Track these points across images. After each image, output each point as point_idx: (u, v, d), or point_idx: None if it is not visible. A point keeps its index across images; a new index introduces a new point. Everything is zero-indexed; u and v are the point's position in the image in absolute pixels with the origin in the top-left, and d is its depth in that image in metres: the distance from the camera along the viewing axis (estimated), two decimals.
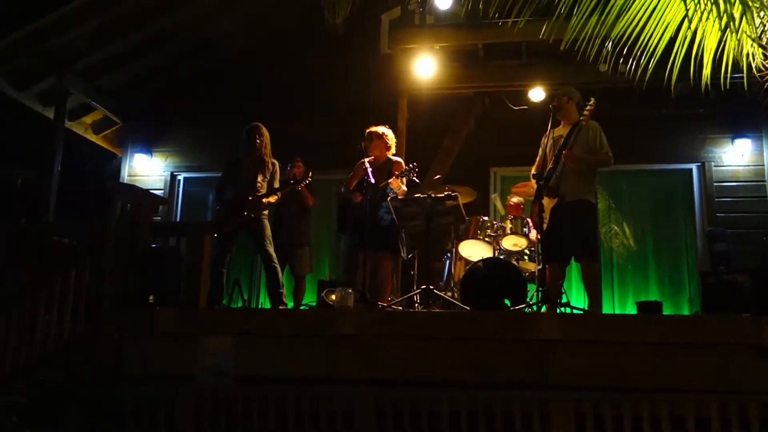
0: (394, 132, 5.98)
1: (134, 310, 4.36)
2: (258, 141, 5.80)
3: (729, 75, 3.24)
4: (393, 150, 5.74)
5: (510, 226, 6.28)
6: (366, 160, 5.54)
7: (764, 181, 7.62)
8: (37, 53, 7.25)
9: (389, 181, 5.35)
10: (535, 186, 5.06)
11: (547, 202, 5.02)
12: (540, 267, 5.57)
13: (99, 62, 7.82)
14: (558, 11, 3.20)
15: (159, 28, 7.73)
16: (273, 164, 5.92)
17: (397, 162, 5.56)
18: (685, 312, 7.40)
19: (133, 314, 4.29)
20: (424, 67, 6.95)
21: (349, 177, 5.66)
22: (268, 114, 7.27)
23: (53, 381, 4.02)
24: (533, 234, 6.10)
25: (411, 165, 5.38)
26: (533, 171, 5.19)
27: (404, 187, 5.37)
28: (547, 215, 5.01)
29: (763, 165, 7.66)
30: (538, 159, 5.23)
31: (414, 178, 5.44)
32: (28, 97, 7.75)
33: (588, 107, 4.88)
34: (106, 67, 7.99)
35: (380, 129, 5.70)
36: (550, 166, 5.02)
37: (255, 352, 3.98)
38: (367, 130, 5.69)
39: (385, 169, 5.53)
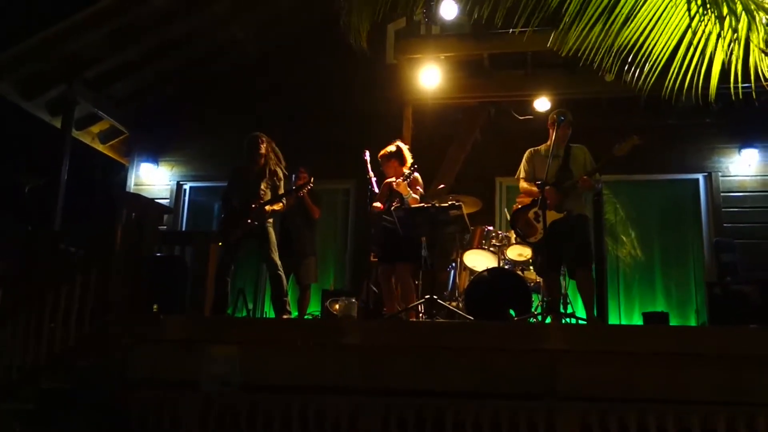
0: (400, 142, 6.00)
1: (140, 318, 4.36)
2: (261, 150, 5.82)
3: (736, 85, 3.23)
4: (409, 160, 5.73)
5: (515, 236, 6.26)
6: (388, 180, 5.71)
7: None
8: (45, 62, 7.30)
9: (394, 184, 5.43)
10: (538, 194, 5.13)
11: (548, 214, 5.08)
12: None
13: (107, 71, 7.86)
14: (564, 21, 3.21)
15: (166, 38, 7.77)
16: (277, 172, 5.94)
17: (414, 177, 5.56)
18: (692, 323, 7.36)
19: (138, 321, 4.30)
20: (430, 76, 6.96)
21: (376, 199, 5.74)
22: (273, 123, 7.30)
23: (59, 387, 4.02)
24: None
25: (411, 166, 5.46)
26: (527, 185, 5.35)
27: (414, 195, 5.41)
28: (540, 226, 5.10)
29: None
30: (523, 175, 5.38)
31: (418, 180, 5.50)
32: (36, 107, 7.79)
33: (632, 141, 5.02)
34: (113, 77, 8.04)
35: (390, 148, 5.75)
36: (549, 182, 5.11)
37: (260, 360, 3.98)
38: (380, 154, 5.74)
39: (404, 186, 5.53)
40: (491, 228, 6.48)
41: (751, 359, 3.59)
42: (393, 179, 5.55)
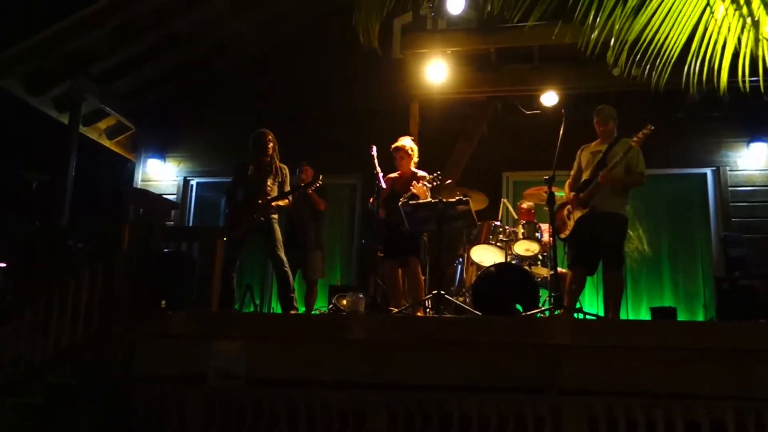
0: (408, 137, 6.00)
1: (147, 313, 4.37)
2: (266, 146, 5.82)
3: (746, 78, 3.20)
4: (416, 159, 5.79)
5: (522, 231, 6.25)
6: (392, 175, 5.70)
7: None
8: (52, 57, 7.32)
9: (411, 187, 5.42)
10: (568, 193, 5.28)
11: (575, 211, 5.18)
12: (552, 272, 5.55)
13: (113, 67, 7.88)
14: (575, 14, 3.18)
15: (172, 32, 7.78)
16: (282, 168, 5.94)
17: (421, 176, 5.57)
18: (700, 318, 7.33)
19: (145, 317, 4.31)
20: (436, 71, 6.93)
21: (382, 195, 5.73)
22: (280, 118, 7.31)
23: (66, 382, 4.04)
24: (546, 238, 6.08)
25: (436, 173, 5.42)
26: (569, 181, 5.39)
27: (429, 197, 5.42)
28: (571, 223, 5.17)
29: None
30: (573, 172, 5.39)
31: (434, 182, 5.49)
32: (43, 103, 7.82)
33: (644, 131, 5.00)
34: (120, 72, 8.06)
35: (407, 144, 5.75)
36: (584, 178, 5.18)
37: (266, 355, 3.98)
38: (393, 146, 5.72)
39: (410, 182, 5.56)
40: (498, 223, 6.47)
41: (759, 354, 3.57)
42: (406, 179, 5.55)
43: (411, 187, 5.44)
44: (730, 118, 7.61)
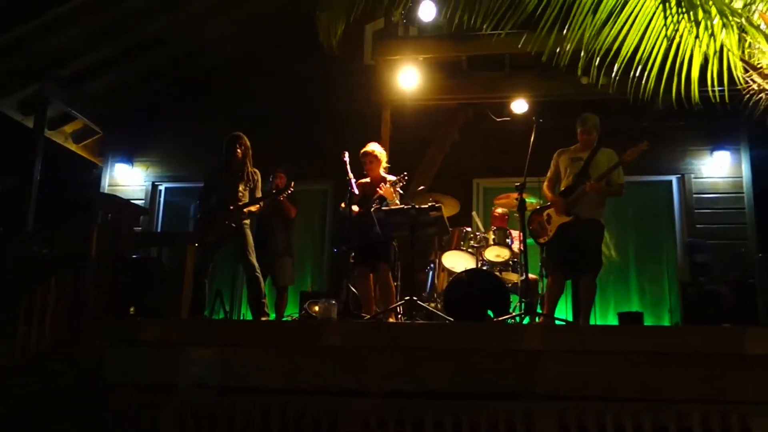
0: (378, 143, 6.02)
1: (116, 320, 4.30)
2: (239, 151, 5.78)
3: (711, 89, 3.28)
4: (385, 164, 5.79)
5: (493, 237, 6.30)
6: (363, 180, 5.70)
7: (743, 192, 7.74)
8: (18, 61, 7.17)
9: (378, 189, 5.41)
10: (547, 194, 5.35)
11: (556, 217, 5.20)
12: (523, 278, 5.61)
13: (81, 70, 7.76)
14: (542, 24, 3.23)
15: (142, 38, 7.69)
16: (254, 174, 5.90)
17: (390, 180, 5.58)
18: (666, 323, 7.46)
19: (115, 324, 4.24)
20: (408, 78, 6.97)
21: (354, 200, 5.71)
22: (251, 123, 7.25)
23: (34, 390, 3.95)
24: (516, 245, 6.14)
25: (402, 175, 5.43)
26: (546, 183, 5.43)
27: (397, 200, 5.43)
28: (552, 228, 5.21)
29: (742, 177, 7.79)
30: (550, 174, 5.42)
31: (399, 189, 5.49)
32: (7, 106, 7.66)
33: (642, 148, 5.12)
34: (87, 76, 7.93)
35: (375, 148, 5.74)
36: (565, 184, 5.22)
37: (239, 362, 3.94)
38: (362, 151, 5.70)
39: (379, 186, 5.56)
40: (469, 229, 6.51)
41: (725, 358, 3.64)
42: (376, 183, 5.55)
43: (378, 189, 5.46)
44: (694, 127, 7.79)
